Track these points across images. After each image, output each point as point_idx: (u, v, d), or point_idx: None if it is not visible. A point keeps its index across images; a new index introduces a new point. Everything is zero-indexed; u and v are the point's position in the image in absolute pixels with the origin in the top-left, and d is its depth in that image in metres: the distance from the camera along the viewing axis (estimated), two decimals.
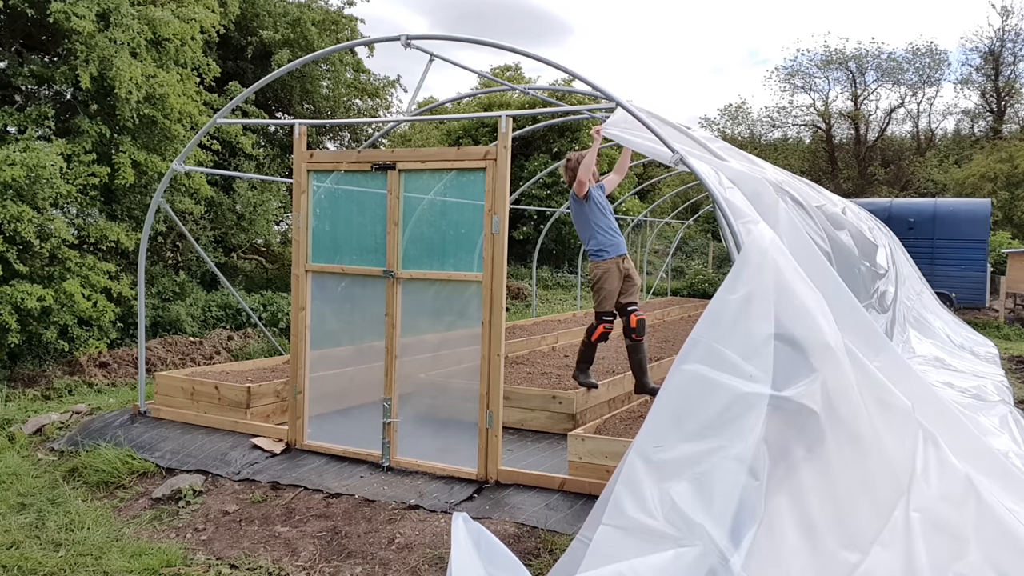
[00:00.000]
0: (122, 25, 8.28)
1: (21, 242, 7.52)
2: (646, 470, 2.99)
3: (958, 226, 14.67)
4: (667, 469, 2.97)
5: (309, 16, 13.01)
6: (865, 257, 7.50)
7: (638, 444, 3.08)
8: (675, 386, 3.15)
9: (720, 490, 2.87)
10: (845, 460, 3.14)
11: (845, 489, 3.11)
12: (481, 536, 3.03)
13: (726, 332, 3.17)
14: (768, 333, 3.15)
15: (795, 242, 3.90)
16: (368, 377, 5.05)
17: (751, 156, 6.57)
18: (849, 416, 3.22)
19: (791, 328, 3.19)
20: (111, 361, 8.42)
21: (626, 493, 2.96)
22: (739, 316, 3.19)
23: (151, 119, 8.94)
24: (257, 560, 3.90)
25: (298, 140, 5.26)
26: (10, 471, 5.10)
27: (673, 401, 3.13)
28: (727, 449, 2.94)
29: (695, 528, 2.80)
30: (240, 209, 11.84)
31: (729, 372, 3.09)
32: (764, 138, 34.28)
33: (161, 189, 6.19)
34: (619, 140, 4.57)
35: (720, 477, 2.90)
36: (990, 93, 30.65)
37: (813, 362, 3.16)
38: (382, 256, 4.96)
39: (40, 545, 4.05)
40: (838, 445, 3.13)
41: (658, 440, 3.05)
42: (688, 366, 3.16)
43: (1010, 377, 8.74)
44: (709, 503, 2.84)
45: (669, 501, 2.88)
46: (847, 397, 3.24)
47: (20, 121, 8.27)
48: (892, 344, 3.36)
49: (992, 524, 3.28)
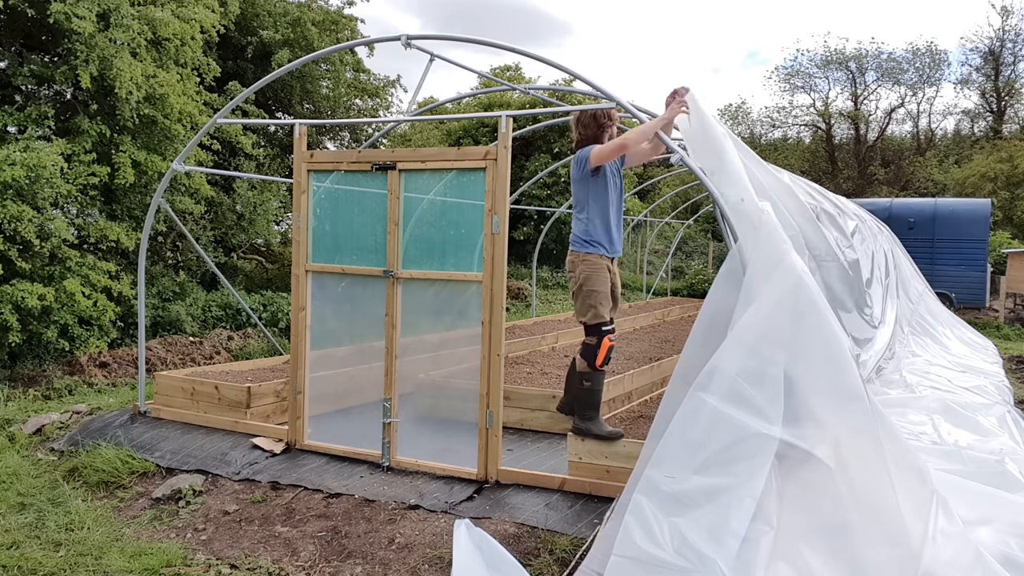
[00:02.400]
0: (122, 25, 8.28)
1: (21, 242, 7.53)
2: (657, 501, 2.94)
3: (958, 226, 14.67)
4: (679, 501, 2.93)
5: (309, 16, 13.02)
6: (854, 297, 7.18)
7: (648, 475, 3.02)
8: (689, 416, 3.07)
9: (733, 527, 2.84)
10: (852, 524, 2.99)
11: (851, 550, 2.96)
12: (483, 541, 3.01)
13: (747, 365, 3.09)
14: (788, 373, 3.06)
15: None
16: (368, 377, 5.06)
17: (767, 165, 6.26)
18: (862, 476, 3.05)
19: (811, 370, 3.11)
20: (111, 361, 8.42)
21: (635, 524, 2.92)
22: (761, 347, 3.10)
23: (151, 119, 8.94)
24: (257, 560, 3.90)
25: (298, 140, 5.26)
26: (10, 471, 5.10)
27: (688, 432, 3.06)
28: (743, 487, 2.90)
29: (707, 562, 2.77)
30: (240, 209, 11.85)
31: (749, 411, 3.02)
32: (764, 138, 34.29)
33: (161, 189, 6.19)
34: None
35: (734, 513, 2.86)
36: (990, 93, 30.65)
37: (826, 411, 3.08)
38: (382, 256, 4.96)
39: (40, 545, 4.05)
40: (845, 507, 3.01)
41: (670, 471, 3.01)
42: (708, 397, 3.07)
43: (1010, 377, 8.74)
44: (720, 538, 2.81)
45: (679, 534, 2.85)
46: (861, 454, 3.08)
47: (20, 121, 8.27)
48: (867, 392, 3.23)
49: None
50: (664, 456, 3.05)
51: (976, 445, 4.91)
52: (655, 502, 2.94)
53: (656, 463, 3.05)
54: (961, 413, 5.68)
